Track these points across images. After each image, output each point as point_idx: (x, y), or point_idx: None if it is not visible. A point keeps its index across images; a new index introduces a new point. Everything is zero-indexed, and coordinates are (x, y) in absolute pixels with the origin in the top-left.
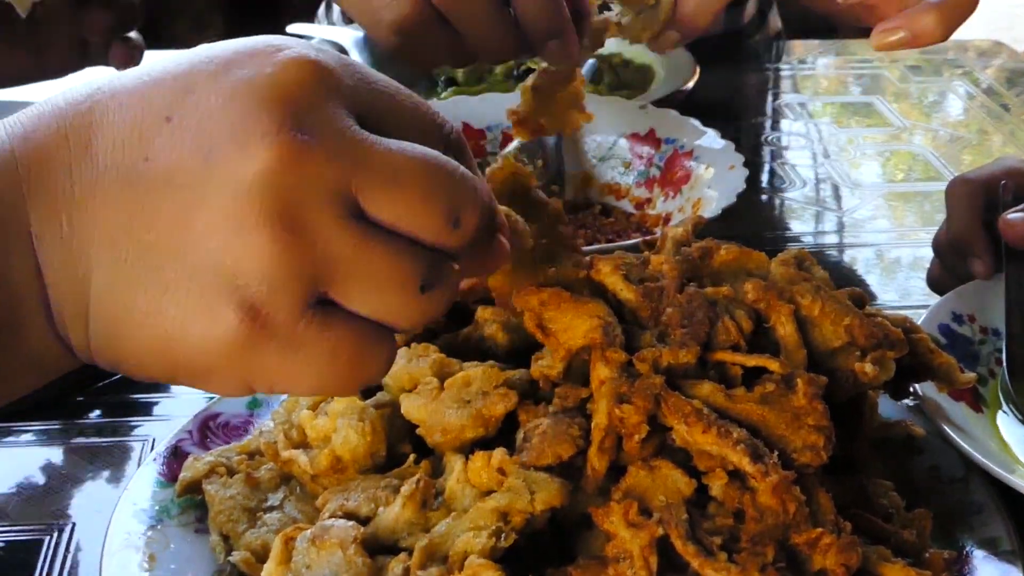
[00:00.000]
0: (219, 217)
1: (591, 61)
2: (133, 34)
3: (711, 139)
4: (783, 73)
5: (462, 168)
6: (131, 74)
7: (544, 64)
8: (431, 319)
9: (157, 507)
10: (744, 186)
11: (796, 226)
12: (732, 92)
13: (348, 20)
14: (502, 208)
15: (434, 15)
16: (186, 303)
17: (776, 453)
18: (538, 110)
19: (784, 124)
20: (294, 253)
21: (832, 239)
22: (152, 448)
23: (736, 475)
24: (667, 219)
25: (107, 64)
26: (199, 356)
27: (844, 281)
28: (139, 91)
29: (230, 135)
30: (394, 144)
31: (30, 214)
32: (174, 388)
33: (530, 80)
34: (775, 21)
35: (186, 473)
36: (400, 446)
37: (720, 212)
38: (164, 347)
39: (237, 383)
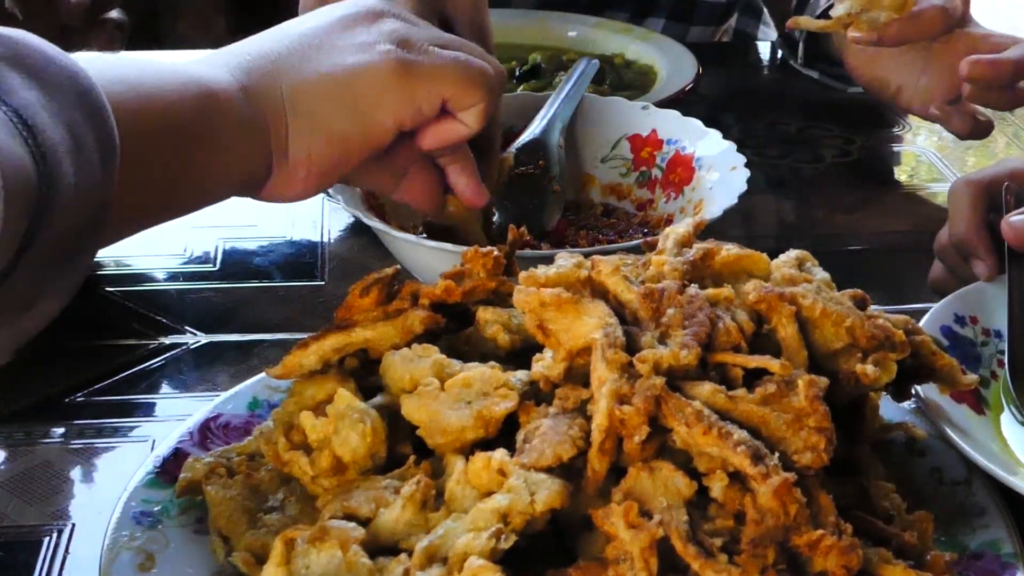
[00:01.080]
0: (365, 31)
1: (594, 62)
2: (114, 13)
3: (713, 140)
4: (786, 75)
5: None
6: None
7: None
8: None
9: (157, 508)
10: (746, 187)
11: (798, 227)
12: (734, 93)
13: None
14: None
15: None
16: (357, 55)
17: (777, 455)
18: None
19: (787, 126)
20: (419, 28)
21: (833, 240)
22: (152, 449)
23: (737, 477)
24: (669, 220)
25: (89, 49)
26: (375, 85)
27: (845, 282)
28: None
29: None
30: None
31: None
32: (174, 389)
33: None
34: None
35: (186, 474)
36: (400, 447)
37: (722, 213)
38: (349, 93)
39: (407, 99)
